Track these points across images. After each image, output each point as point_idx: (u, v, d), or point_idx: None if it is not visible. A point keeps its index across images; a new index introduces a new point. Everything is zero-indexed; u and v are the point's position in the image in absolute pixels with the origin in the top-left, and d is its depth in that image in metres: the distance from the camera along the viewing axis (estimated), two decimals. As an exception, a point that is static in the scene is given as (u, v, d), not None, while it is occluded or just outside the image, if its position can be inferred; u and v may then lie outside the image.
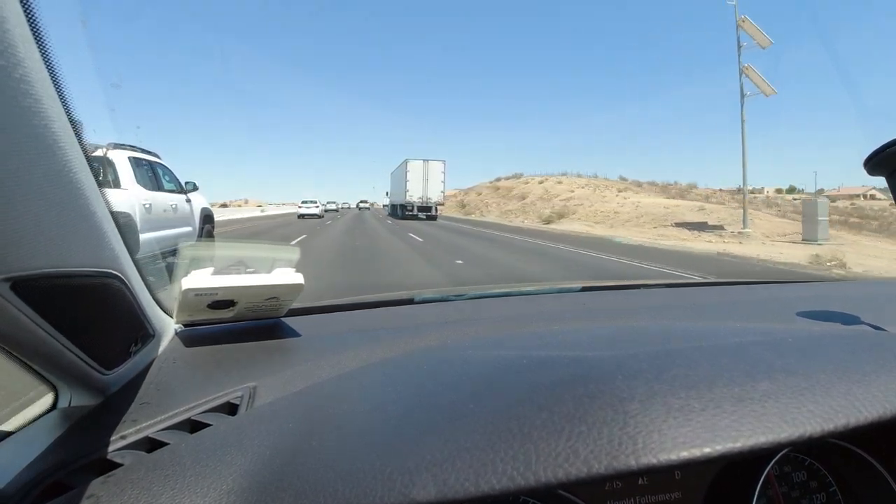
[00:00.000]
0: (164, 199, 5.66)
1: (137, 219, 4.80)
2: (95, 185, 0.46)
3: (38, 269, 0.37)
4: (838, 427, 0.33)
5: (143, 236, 4.76)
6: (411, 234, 14.92)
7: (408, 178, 27.99)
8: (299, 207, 30.87)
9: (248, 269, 0.72)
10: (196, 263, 0.71)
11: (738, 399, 0.34)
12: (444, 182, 28.56)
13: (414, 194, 27.92)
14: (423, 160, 28.22)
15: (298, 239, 12.42)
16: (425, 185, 27.99)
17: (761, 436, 0.31)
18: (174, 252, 0.78)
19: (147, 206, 5.10)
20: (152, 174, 5.63)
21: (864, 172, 0.65)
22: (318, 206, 31.14)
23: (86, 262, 0.44)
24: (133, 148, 5.41)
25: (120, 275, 0.51)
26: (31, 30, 0.35)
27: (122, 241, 0.53)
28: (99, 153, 4.71)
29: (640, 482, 0.56)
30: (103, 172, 4.68)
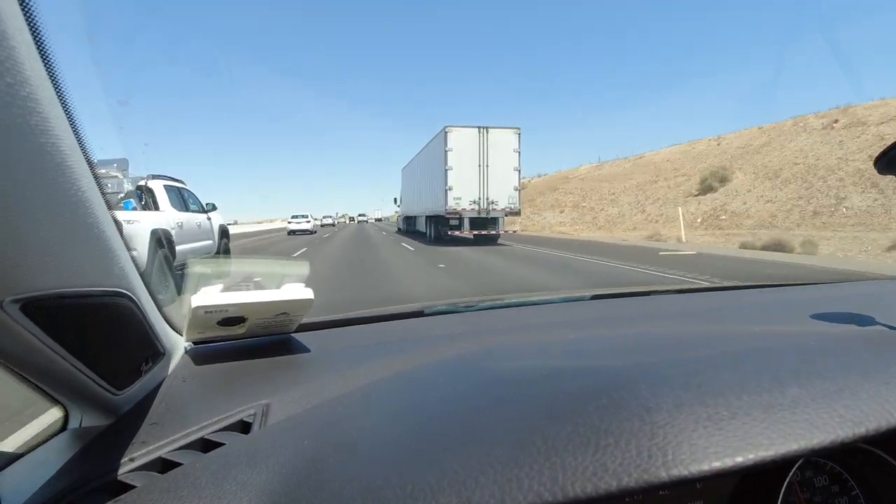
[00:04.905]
0: (191, 218, 6.72)
1: (174, 235, 5.72)
2: (104, 204, 0.45)
3: (47, 289, 0.37)
4: (870, 431, 0.32)
5: (177, 248, 5.72)
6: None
7: (448, 162, 12.97)
8: (289, 223, 27.49)
9: (258, 285, 0.71)
10: (205, 280, 0.71)
11: (767, 406, 0.33)
12: (518, 170, 13.41)
13: (463, 195, 13.04)
14: (479, 127, 13.21)
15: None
16: (483, 174, 13.11)
17: (793, 443, 0.30)
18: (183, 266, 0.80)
19: (179, 224, 6.11)
20: (181, 198, 6.64)
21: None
22: (309, 221, 27.05)
23: (95, 281, 0.44)
24: (165, 177, 6.49)
25: (129, 293, 0.51)
26: (37, 46, 0.35)
27: (130, 260, 0.53)
28: (141, 183, 5.83)
29: (660, 492, 0.54)
30: (145, 199, 5.78)
